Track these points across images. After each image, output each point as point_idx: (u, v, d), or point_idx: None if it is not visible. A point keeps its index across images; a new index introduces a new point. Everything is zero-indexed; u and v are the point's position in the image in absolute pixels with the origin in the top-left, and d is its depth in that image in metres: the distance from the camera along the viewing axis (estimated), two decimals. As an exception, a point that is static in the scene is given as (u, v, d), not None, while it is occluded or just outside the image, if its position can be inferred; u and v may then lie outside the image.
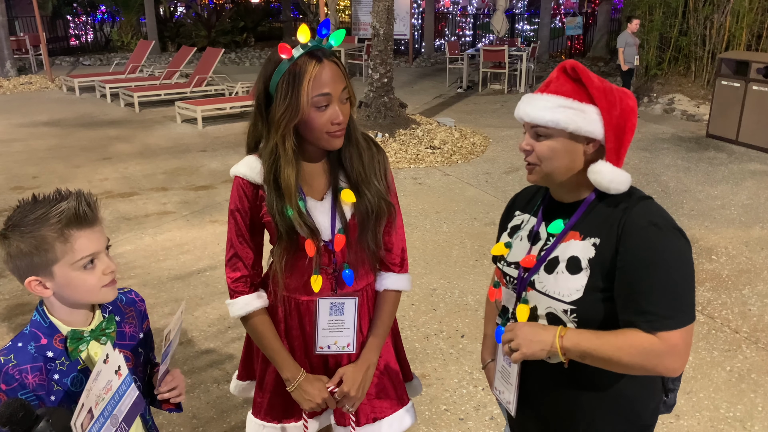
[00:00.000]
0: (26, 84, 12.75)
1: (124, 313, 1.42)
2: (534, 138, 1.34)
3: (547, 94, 1.33)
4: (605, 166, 1.30)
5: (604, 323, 1.29)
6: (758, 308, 3.77)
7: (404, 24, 15.87)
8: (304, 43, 1.42)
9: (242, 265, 1.59)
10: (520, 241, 1.46)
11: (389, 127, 8.01)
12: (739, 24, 9.46)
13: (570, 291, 1.30)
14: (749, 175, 6.55)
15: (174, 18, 20.33)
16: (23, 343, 1.24)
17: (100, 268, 1.26)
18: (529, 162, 1.37)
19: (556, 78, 1.34)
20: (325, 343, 1.62)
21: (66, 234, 1.20)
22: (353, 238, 1.57)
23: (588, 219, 1.34)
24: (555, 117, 1.28)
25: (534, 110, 1.32)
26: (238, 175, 1.56)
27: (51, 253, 1.20)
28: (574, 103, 1.29)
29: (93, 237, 1.24)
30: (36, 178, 6.50)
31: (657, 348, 1.21)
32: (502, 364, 1.50)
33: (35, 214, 1.20)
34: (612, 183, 1.29)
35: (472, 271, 4.31)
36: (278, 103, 1.43)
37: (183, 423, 2.79)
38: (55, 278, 1.23)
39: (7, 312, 3.78)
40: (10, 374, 1.19)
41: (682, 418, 2.79)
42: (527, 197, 1.55)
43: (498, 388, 1.53)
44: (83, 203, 1.23)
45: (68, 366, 1.27)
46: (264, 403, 1.73)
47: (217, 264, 4.41)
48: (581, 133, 1.29)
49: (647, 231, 1.25)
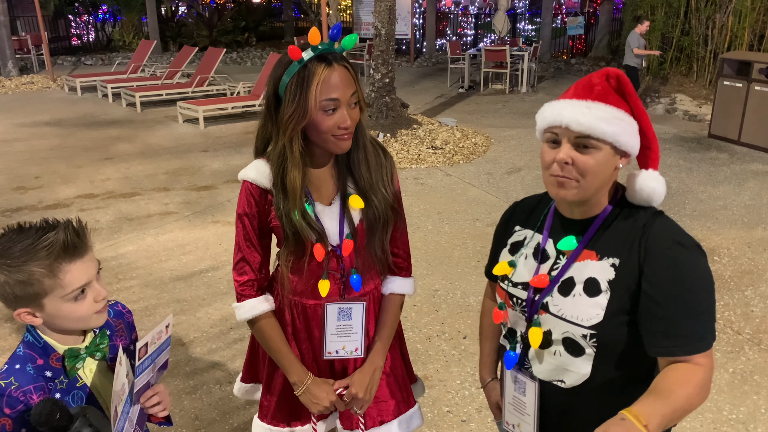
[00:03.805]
0: (28, 84, 12.75)
1: (114, 326, 1.39)
2: (578, 149, 1.21)
3: (596, 102, 1.21)
4: (657, 175, 1.26)
5: (625, 348, 1.24)
6: (761, 309, 3.77)
7: (406, 24, 15.86)
8: (314, 46, 1.42)
9: (249, 269, 1.59)
10: (525, 260, 1.38)
11: (391, 127, 8.00)
12: (741, 24, 9.45)
13: (590, 315, 1.23)
14: (751, 175, 6.54)
15: (175, 18, 20.34)
16: (20, 365, 1.21)
17: (91, 297, 1.22)
18: (565, 176, 1.22)
19: (599, 85, 1.24)
20: (333, 348, 1.62)
21: (55, 268, 1.15)
22: (361, 243, 1.57)
23: (603, 237, 1.27)
24: (612, 129, 1.19)
25: (587, 119, 1.19)
26: (246, 180, 1.56)
27: (39, 288, 1.16)
28: (626, 116, 1.22)
29: (83, 267, 1.19)
30: (38, 178, 6.51)
31: (706, 376, 1.18)
32: (513, 394, 1.40)
33: (21, 245, 1.15)
34: (661, 195, 1.26)
35: (474, 272, 4.31)
36: (287, 106, 1.43)
37: (185, 424, 2.79)
38: (45, 309, 1.19)
39: (10, 312, 3.78)
40: (13, 397, 1.16)
41: (685, 420, 2.79)
42: (527, 210, 1.45)
43: (511, 422, 1.43)
44: (71, 233, 1.18)
45: (68, 384, 1.24)
46: (271, 407, 1.73)
47: (219, 265, 4.41)
48: (625, 148, 1.22)
49: (673, 251, 1.19)
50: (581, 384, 1.29)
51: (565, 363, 1.29)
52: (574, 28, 14.66)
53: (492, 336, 1.59)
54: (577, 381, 1.29)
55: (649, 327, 1.20)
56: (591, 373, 1.28)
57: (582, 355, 1.27)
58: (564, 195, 1.24)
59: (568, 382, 1.30)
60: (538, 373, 1.35)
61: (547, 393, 1.34)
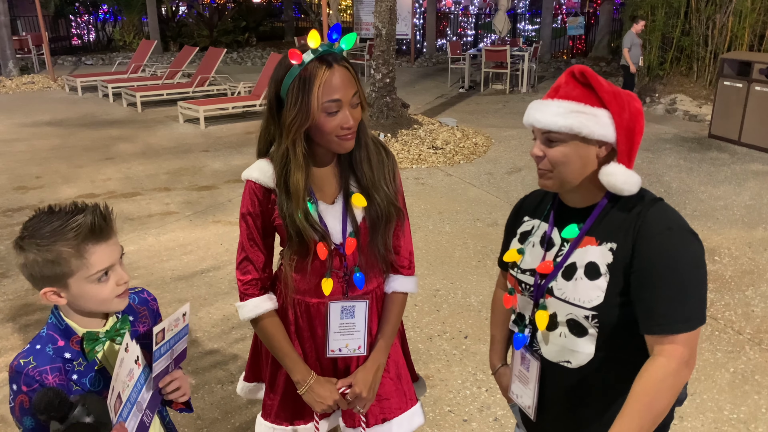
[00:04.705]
0: (29, 84, 12.75)
1: (138, 312, 1.44)
2: (546, 144, 1.34)
3: (558, 99, 1.32)
4: (618, 167, 1.30)
5: (626, 328, 1.30)
6: (761, 309, 3.78)
7: (406, 24, 15.87)
8: (314, 48, 1.43)
9: (253, 268, 1.60)
10: (532, 248, 1.46)
11: (391, 127, 8.01)
12: (742, 24, 9.45)
13: (590, 297, 1.30)
14: (752, 175, 6.55)
15: (176, 18, 20.35)
16: (41, 346, 1.26)
17: (113, 280, 1.28)
18: (541, 168, 1.35)
19: (565, 83, 1.34)
20: (336, 346, 1.63)
21: (82, 249, 1.21)
22: (364, 242, 1.58)
23: (602, 224, 1.34)
24: (568, 122, 1.28)
25: (545, 116, 1.31)
26: (250, 179, 1.56)
27: (66, 268, 1.22)
28: (586, 107, 1.30)
29: (108, 250, 1.26)
30: (39, 178, 6.51)
31: (668, 367, 1.22)
32: (519, 368, 1.50)
33: (51, 226, 1.21)
34: (625, 184, 1.30)
35: (474, 271, 4.31)
36: (289, 108, 1.44)
37: (187, 424, 2.79)
38: (70, 290, 1.25)
39: (13, 312, 3.79)
40: (30, 376, 1.21)
41: (686, 420, 2.80)
42: (535, 202, 1.54)
43: (515, 392, 1.53)
44: (99, 217, 1.24)
45: (86, 366, 1.29)
46: (274, 406, 1.73)
47: (221, 264, 4.42)
48: (594, 137, 1.30)
49: (662, 235, 1.25)
50: (586, 364, 1.36)
51: (570, 344, 1.37)
52: (575, 28, 14.68)
53: (503, 323, 1.66)
54: (582, 361, 1.36)
55: (637, 307, 1.27)
56: (594, 353, 1.34)
57: (585, 335, 1.34)
58: (544, 185, 1.38)
59: (574, 363, 1.37)
60: (546, 355, 1.42)
61: (556, 374, 1.41)
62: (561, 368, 1.39)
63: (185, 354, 1.44)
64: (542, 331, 1.41)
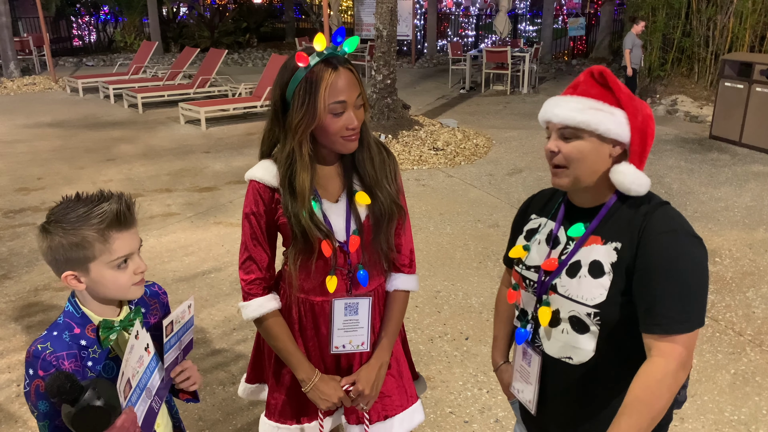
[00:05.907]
0: (30, 85, 12.78)
1: (149, 304, 1.49)
2: (561, 139, 1.35)
3: (576, 96, 1.35)
4: (629, 167, 1.32)
5: (627, 326, 1.32)
6: (762, 311, 3.78)
7: (407, 25, 15.88)
8: (319, 51, 1.46)
9: (256, 268, 1.62)
10: (538, 245, 1.48)
11: (392, 128, 8.02)
12: (743, 25, 9.46)
13: (593, 295, 1.32)
14: (753, 176, 6.55)
15: (177, 19, 20.38)
16: (58, 332, 1.30)
17: (131, 268, 1.32)
18: (556, 164, 1.37)
19: (584, 81, 1.37)
20: (340, 343, 1.66)
21: (105, 235, 1.26)
22: (368, 239, 1.61)
23: (609, 223, 1.36)
24: (585, 118, 1.31)
25: (564, 111, 1.33)
26: (253, 179, 1.58)
27: (89, 252, 1.26)
28: (604, 105, 1.32)
29: (129, 238, 1.31)
30: (41, 179, 6.52)
31: (666, 368, 1.23)
32: (520, 363, 1.52)
33: (77, 212, 1.26)
34: (633, 184, 1.32)
35: (476, 273, 4.32)
36: (295, 110, 1.46)
37: (189, 425, 2.80)
38: (90, 274, 1.29)
39: (16, 312, 3.80)
40: (47, 361, 1.24)
41: (687, 421, 2.80)
42: (543, 200, 1.56)
43: (517, 387, 1.55)
44: (123, 205, 1.29)
45: (100, 354, 1.33)
46: (278, 405, 1.75)
47: (222, 266, 4.43)
48: (610, 136, 1.32)
49: (667, 237, 1.27)
50: (587, 361, 1.38)
51: (571, 340, 1.38)
52: (575, 29, 14.69)
53: (506, 320, 1.68)
54: (583, 358, 1.38)
55: (638, 306, 1.28)
56: (595, 351, 1.36)
57: (587, 332, 1.36)
58: (558, 183, 1.38)
59: (576, 359, 1.39)
60: (548, 351, 1.44)
61: (557, 370, 1.43)
62: (562, 364, 1.41)
63: (192, 345, 1.50)
64: (545, 327, 1.43)
